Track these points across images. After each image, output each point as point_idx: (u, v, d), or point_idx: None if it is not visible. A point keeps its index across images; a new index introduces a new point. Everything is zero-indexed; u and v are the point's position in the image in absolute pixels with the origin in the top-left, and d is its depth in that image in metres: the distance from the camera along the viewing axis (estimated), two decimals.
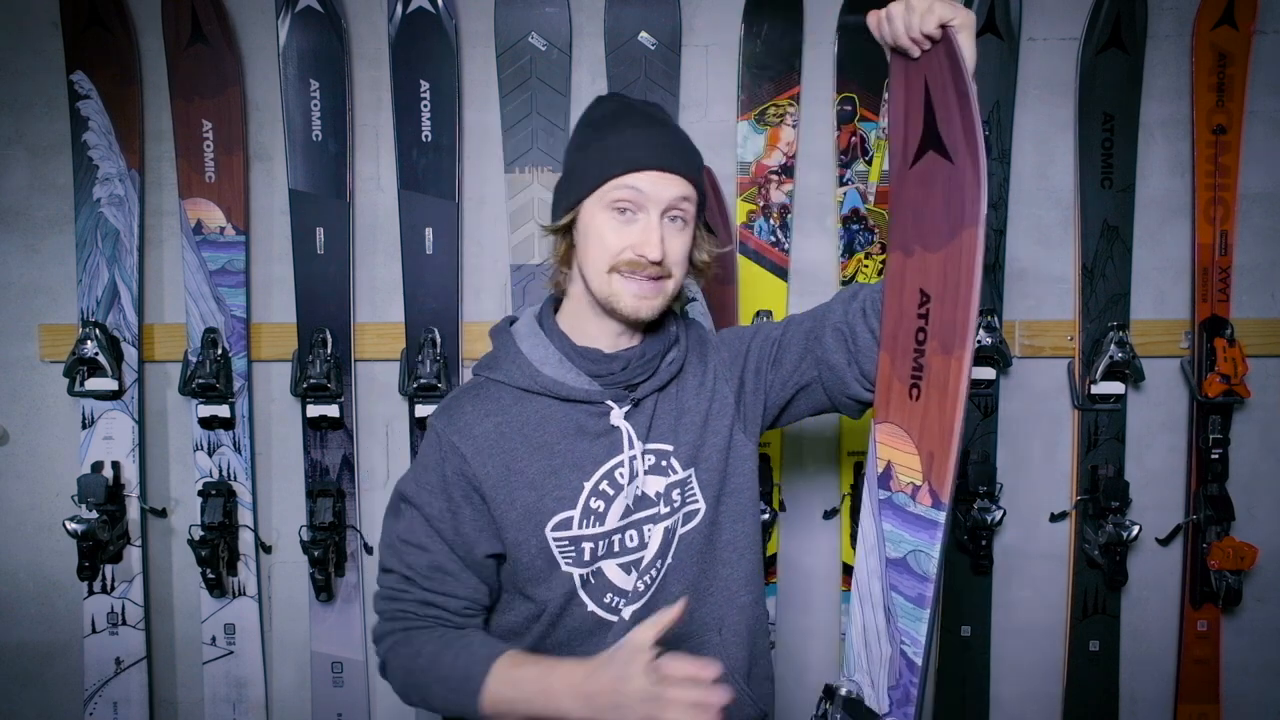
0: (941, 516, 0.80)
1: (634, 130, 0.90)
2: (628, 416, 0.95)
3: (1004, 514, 1.57)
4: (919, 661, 0.80)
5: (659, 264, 0.89)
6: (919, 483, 0.82)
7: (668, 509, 0.96)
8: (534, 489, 0.92)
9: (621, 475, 0.94)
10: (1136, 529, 1.55)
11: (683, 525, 0.97)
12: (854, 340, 0.96)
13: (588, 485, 0.93)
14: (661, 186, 0.89)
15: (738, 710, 0.95)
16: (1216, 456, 1.64)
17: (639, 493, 0.95)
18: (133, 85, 1.58)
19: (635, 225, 0.89)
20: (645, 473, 0.95)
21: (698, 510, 0.98)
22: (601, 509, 0.93)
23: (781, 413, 1.04)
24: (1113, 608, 1.68)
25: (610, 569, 0.94)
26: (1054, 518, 1.69)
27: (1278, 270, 1.67)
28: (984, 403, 1.65)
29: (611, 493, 0.94)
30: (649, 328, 0.98)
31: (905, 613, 0.83)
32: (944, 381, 0.79)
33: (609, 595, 0.95)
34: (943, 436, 0.79)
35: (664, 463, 0.97)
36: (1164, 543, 1.69)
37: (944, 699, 1.70)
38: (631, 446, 0.93)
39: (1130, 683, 1.72)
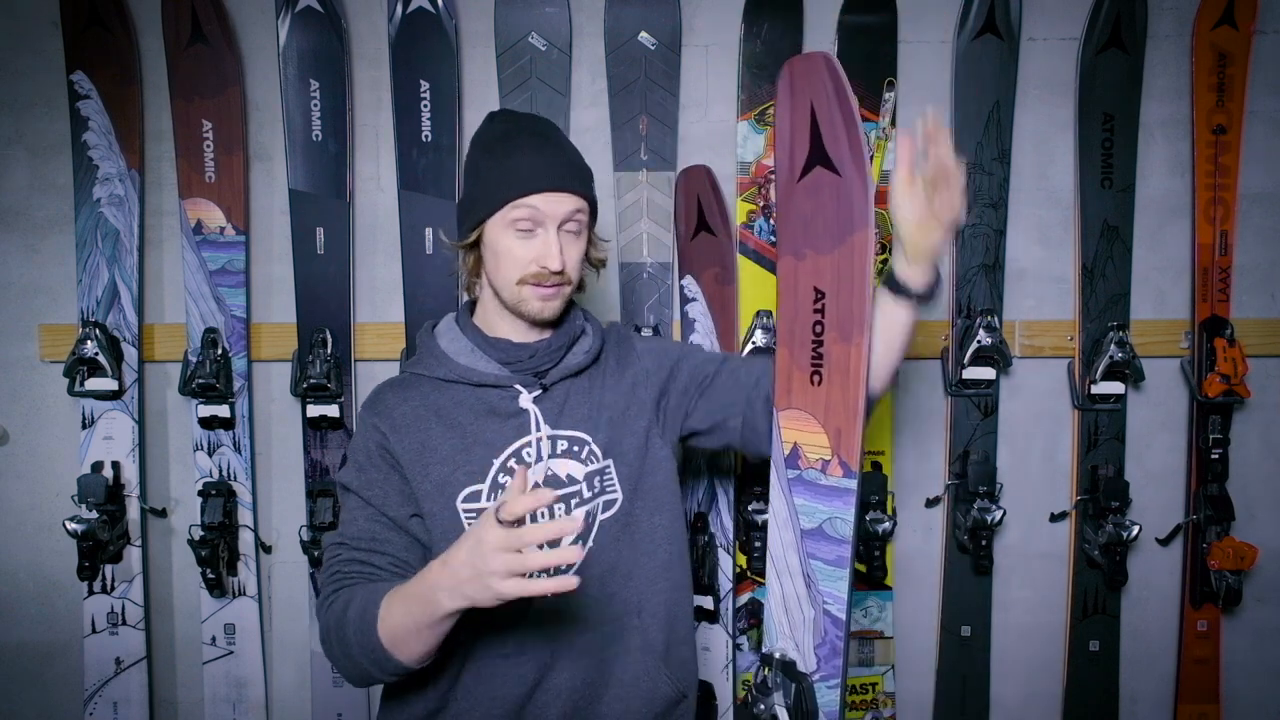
0: (854, 484, 0.91)
1: (526, 153, 0.98)
2: (537, 401, 1.02)
3: (1004, 514, 1.57)
4: (843, 616, 0.90)
5: (560, 273, 0.98)
6: (828, 457, 0.92)
7: (590, 494, 1.03)
8: (446, 464, 0.99)
9: (529, 455, 1.01)
10: (1136, 529, 1.55)
11: (602, 512, 1.04)
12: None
13: (496, 462, 1.00)
14: (556, 204, 0.97)
15: (654, 689, 1.03)
16: (1216, 456, 1.64)
17: (549, 473, 1.01)
18: (133, 85, 1.58)
19: (536, 240, 0.98)
20: (558, 455, 1.02)
21: (615, 499, 1.05)
22: (508, 484, 0.98)
23: (695, 435, 1.13)
24: (1113, 608, 1.68)
25: None
26: (1054, 518, 1.69)
27: (1278, 270, 1.67)
28: (984, 403, 1.65)
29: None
30: (554, 323, 1.06)
31: (825, 575, 0.92)
32: (845, 365, 0.90)
33: None
34: (848, 413, 0.90)
35: (577, 448, 1.04)
36: (1164, 543, 1.69)
37: (944, 699, 1.70)
38: (538, 429, 1.01)
39: (1130, 683, 1.72)
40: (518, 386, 1.02)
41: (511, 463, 1.00)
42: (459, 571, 0.78)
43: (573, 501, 1.02)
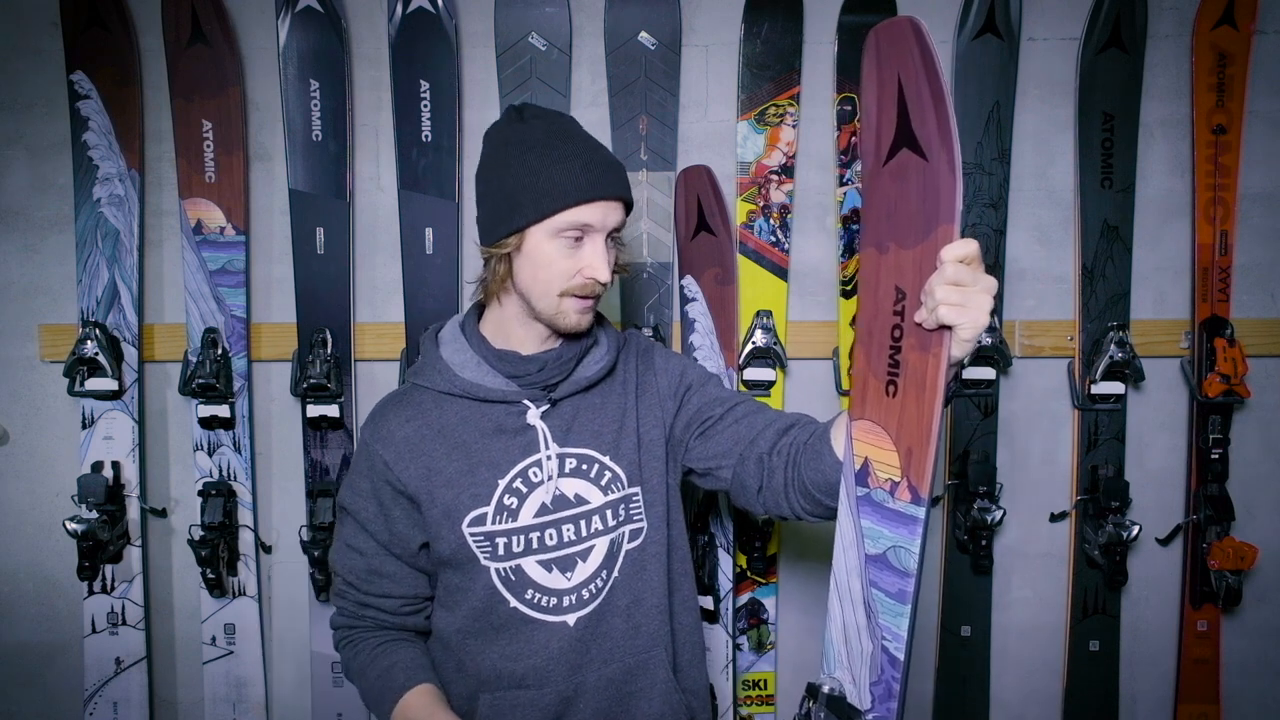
0: (921, 512, 0.79)
1: (576, 158, 0.91)
2: (544, 417, 0.98)
3: (1004, 514, 1.57)
4: (901, 657, 0.80)
5: (606, 285, 0.94)
6: (897, 479, 0.82)
7: (615, 522, 0.99)
8: (451, 487, 0.96)
9: (535, 474, 0.97)
10: (1136, 529, 1.55)
11: (628, 541, 1.01)
12: (769, 477, 0.98)
13: (502, 483, 0.97)
14: (608, 213, 0.93)
15: (673, 714, 1.01)
16: (1216, 456, 1.64)
17: (557, 492, 0.98)
18: (133, 85, 1.58)
19: (583, 250, 0.93)
20: (566, 474, 0.98)
21: (642, 528, 1.02)
22: (514, 505, 0.97)
23: (691, 474, 1.09)
24: (1113, 608, 1.68)
25: (529, 565, 0.97)
26: (1054, 518, 1.69)
27: (1278, 270, 1.67)
28: (984, 403, 1.65)
29: (525, 490, 0.97)
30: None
31: (886, 609, 0.82)
32: (921, 378, 0.79)
33: (530, 592, 0.98)
34: (921, 432, 0.79)
35: (586, 466, 1.00)
36: (1164, 543, 1.69)
37: (944, 699, 1.70)
38: (547, 447, 0.97)
39: (1130, 683, 1.72)
40: (525, 402, 0.98)
41: (518, 483, 0.97)
42: None
43: (581, 523, 0.99)
